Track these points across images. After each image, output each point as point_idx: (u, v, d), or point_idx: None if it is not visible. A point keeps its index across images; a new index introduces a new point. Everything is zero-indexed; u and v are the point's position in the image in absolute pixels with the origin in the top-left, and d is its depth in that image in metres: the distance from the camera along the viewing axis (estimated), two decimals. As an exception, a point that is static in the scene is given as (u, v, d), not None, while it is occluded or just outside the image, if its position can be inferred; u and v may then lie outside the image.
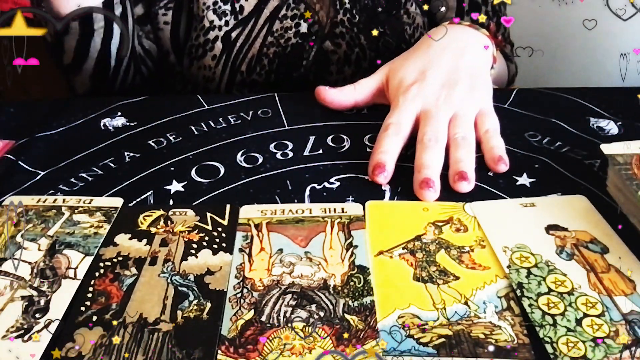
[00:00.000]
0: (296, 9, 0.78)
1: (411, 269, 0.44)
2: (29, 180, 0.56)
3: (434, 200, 0.51)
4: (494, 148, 0.56)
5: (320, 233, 0.47)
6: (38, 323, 0.40)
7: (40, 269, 0.44)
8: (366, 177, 0.55)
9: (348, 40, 0.78)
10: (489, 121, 0.58)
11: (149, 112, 0.67)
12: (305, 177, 0.55)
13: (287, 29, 0.78)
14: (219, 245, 0.46)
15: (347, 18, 0.78)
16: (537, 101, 0.67)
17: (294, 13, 0.78)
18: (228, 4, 0.77)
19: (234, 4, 0.77)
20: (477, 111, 0.59)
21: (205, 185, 0.54)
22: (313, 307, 0.41)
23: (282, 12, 0.78)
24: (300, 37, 0.79)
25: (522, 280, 0.42)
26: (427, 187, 0.51)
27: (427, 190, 0.51)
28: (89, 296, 0.42)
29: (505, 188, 0.53)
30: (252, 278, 0.43)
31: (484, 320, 0.39)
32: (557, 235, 0.46)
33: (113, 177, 0.56)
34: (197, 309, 0.41)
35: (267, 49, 0.78)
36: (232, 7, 0.77)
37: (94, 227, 0.49)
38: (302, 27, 0.78)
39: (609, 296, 0.40)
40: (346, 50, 0.79)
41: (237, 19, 0.78)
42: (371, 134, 0.61)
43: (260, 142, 0.61)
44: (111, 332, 0.39)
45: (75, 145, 0.61)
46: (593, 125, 0.62)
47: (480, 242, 0.46)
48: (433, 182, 0.51)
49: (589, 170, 0.55)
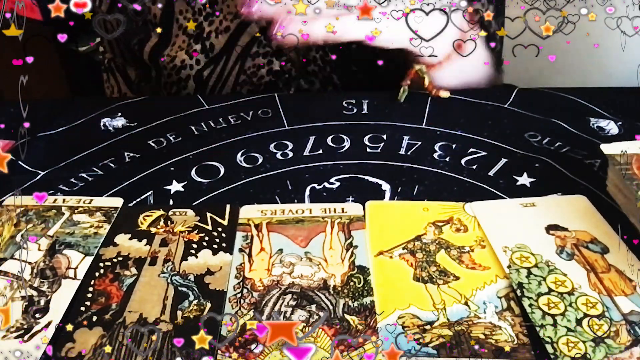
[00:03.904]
0: (268, 46, 0.76)
1: (411, 269, 0.44)
2: (29, 180, 0.56)
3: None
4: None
5: (320, 233, 0.47)
6: (38, 323, 0.40)
7: (40, 269, 0.44)
8: (366, 177, 0.55)
9: (321, 79, 0.77)
10: None
11: (149, 112, 0.67)
12: (305, 177, 0.55)
13: (259, 66, 0.77)
14: (219, 246, 0.46)
15: (320, 55, 0.77)
16: (537, 101, 0.67)
17: (265, 50, 0.76)
18: (199, 43, 0.76)
19: (204, 43, 0.76)
20: None
21: (205, 185, 0.54)
22: (313, 307, 0.40)
23: (254, 49, 0.76)
24: (273, 75, 0.78)
25: (523, 280, 0.42)
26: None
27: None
28: (89, 296, 0.42)
29: (505, 188, 0.53)
30: (252, 278, 0.43)
31: (484, 320, 0.39)
32: (557, 235, 0.46)
33: (113, 177, 0.56)
34: (197, 309, 0.41)
35: (240, 87, 0.77)
36: (202, 45, 0.76)
37: (94, 227, 0.48)
38: (274, 65, 0.77)
39: (609, 296, 0.40)
40: (319, 88, 0.77)
41: (208, 57, 0.76)
42: (371, 134, 0.61)
43: (260, 142, 0.61)
44: (111, 332, 0.39)
45: (75, 145, 0.61)
46: (593, 125, 0.62)
47: (481, 242, 0.46)
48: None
49: (589, 170, 0.55)
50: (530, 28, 0.52)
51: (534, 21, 0.52)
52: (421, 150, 0.59)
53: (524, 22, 0.52)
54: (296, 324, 0.38)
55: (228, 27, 0.75)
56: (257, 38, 0.76)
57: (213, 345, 0.37)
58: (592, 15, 0.50)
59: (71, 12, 0.58)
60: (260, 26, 0.74)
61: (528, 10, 0.52)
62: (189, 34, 0.75)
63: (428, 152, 0.58)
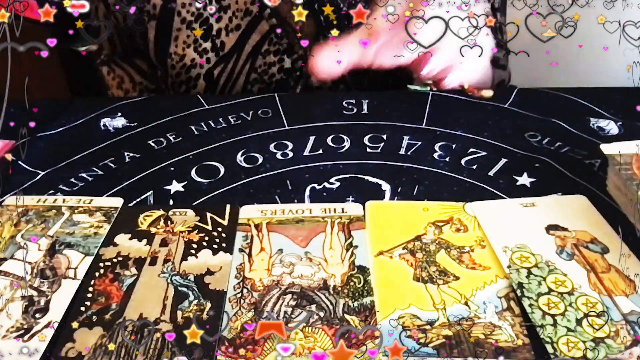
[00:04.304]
0: (279, 44, 0.76)
1: (411, 269, 0.44)
2: (29, 180, 0.56)
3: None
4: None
5: (320, 233, 0.47)
6: (38, 323, 0.40)
7: (40, 269, 0.44)
8: (366, 177, 0.55)
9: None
10: None
11: (149, 112, 0.67)
12: (305, 177, 0.55)
13: (270, 64, 0.77)
14: (219, 246, 0.46)
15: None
16: (537, 101, 0.67)
17: (276, 48, 0.76)
18: (209, 40, 0.75)
19: (215, 41, 0.75)
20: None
21: (205, 185, 0.54)
22: (313, 307, 0.40)
23: (265, 47, 0.76)
24: (284, 72, 0.77)
25: (523, 280, 0.42)
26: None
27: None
28: (89, 296, 0.42)
29: (505, 188, 0.53)
30: (252, 278, 0.43)
31: (484, 320, 0.39)
32: (557, 235, 0.46)
33: (113, 177, 0.56)
34: (197, 309, 0.41)
35: (251, 85, 0.77)
36: (212, 43, 0.75)
37: (94, 227, 0.48)
38: (285, 63, 0.76)
39: (609, 296, 0.40)
40: (331, 86, 0.77)
41: (219, 56, 0.76)
42: (371, 134, 0.61)
43: (260, 142, 0.61)
44: (111, 332, 0.39)
45: (75, 145, 0.61)
46: (593, 125, 0.62)
47: (481, 242, 0.46)
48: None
49: (589, 170, 0.55)
50: (531, 31, 0.52)
51: (534, 23, 0.52)
52: (421, 150, 0.59)
53: (525, 26, 0.52)
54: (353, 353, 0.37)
55: (239, 25, 0.75)
56: (267, 36, 0.75)
57: (214, 342, 0.37)
58: (576, 15, 0.50)
59: (67, 13, 0.58)
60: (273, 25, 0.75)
61: (528, 16, 0.52)
62: (193, 28, 0.75)
63: (428, 152, 0.58)
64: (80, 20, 0.50)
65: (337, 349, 0.37)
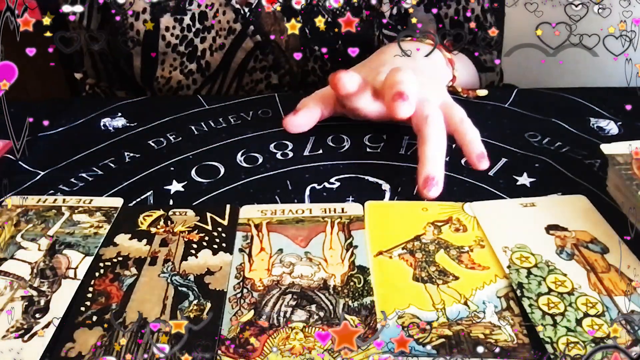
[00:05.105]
0: (265, 60, 0.75)
1: (411, 269, 0.44)
2: (29, 180, 0.56)
3: (408, 115, 0.51)
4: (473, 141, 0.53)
5: (320, 233, 0.47)
6: (38, 323, 0.40)
7: (40, 269, 0.44)
8: (366, 177, 0.55)
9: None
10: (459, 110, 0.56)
11: (149, 112, 0.67)
12: (305, 177, 0.55)
13: (257, 81, 0.76)
14: (219, 245, 0.46)
15: (319, 65, 0.76)
16: (537, 101, 0.67)
17: (262, 65, 0.75)
18: (194, 62, 0.75)
19: (200, 61, 0.74)
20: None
21: (205, 185, 0.54)
22: (313, 307, 0.41)
23: (251, 65, 0.75)
24: (272, 88, 0.77)
25: (522, 280, 0.42)
26: (401, 99, 0.50)
27: (401, 102, 0.50)
28: (89, 296, 0.42)
29: (505, 188, 0.53)
30: (252, 278, 0.43)
31: (484, 320, 0.39)
32: (557, 235, 0.46)
33: (113, 177, 0.56)
34: (197, 309, 0.41)
35: None
36: (197, 64, 0.75)
37: (94, 227, 0.49)
38: (272, 79, 0.76)
39: (609, 296, 0.40)
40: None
41: (205, 76, 0.75)
42: (371, 134, 0.61)
43: (260, 142, 0.61)
44: (111, 332, 0.39)
45: (75, 145, 0.61)
46: (593, 125, 0.62)
47: (480, 242, 0.46)
48: (407, 96, 0.50)
49: (589, 170, 0.55)
50: (540, 38, 0.52)
51: (535, 26, 0.52)
52: (421, 150, 0.58)
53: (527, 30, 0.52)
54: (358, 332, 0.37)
55: (223, 44, 0.75)
56: (252, 53, 0.74)
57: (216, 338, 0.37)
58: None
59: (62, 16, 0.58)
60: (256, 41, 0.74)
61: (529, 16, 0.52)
62: (179, 52, 0.74)
63: (428, 152, 0.58)
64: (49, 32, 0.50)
65: (341, 327, 0.37)
